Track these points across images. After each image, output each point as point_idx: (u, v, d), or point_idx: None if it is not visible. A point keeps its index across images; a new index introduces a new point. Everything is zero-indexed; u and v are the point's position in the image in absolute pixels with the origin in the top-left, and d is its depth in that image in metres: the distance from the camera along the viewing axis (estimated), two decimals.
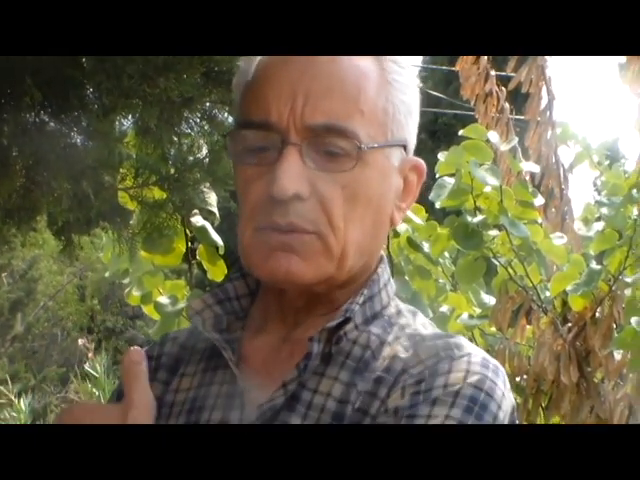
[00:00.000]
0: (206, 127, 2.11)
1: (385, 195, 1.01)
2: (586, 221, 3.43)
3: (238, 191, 1.01)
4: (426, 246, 2.94)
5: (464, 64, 3.76)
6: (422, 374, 0.94)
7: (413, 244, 2.89)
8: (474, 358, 0.95)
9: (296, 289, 1.00)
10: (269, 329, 1.05)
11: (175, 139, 2.08)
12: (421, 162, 1.06)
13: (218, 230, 2.70)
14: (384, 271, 1.07)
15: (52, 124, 1.95)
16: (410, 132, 1.04)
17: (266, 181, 0.96)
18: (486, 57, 3.76)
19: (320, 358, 0.98)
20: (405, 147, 1.03)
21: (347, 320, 0.99)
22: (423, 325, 1.04)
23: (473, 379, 0.93)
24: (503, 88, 3.77)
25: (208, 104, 2.10)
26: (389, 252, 2.83)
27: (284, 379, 0.98)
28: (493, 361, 0.97)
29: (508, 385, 0.97)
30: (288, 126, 0.95)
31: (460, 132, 2.93)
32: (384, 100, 0.99)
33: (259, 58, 1.03)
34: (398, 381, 0.95)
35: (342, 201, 0.96)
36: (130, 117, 2.04)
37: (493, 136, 2.97)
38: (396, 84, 1.01)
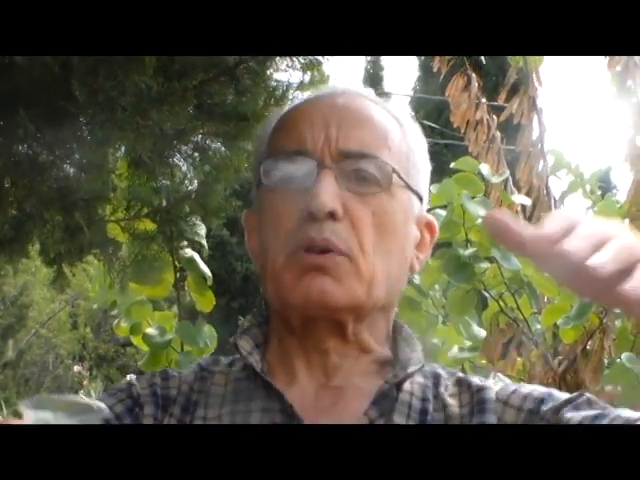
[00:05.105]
0: (198, 159, 2.12)
1: (408, 237, 1.04)
2: None
3: (269, 221, 1.01)
4: (416, 277, 2.94)
5: (454, 91, 3.75)
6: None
7: None
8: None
9: (326, 317, 0.99)
10: (300, 377, 1.02)
11: (167, 171, 2.09)
12: (434, 220, 1.09)
13: (211, 258, 2.70)
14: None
15: (45, 156, 1.96)
16: (424, 188, 1.07)
17: (302, 203, 0.97)
18: (477, 84, 3.76)
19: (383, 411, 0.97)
20: (421, 200, 1.06)
21: (409, 374, 1.00)
22: (442, 368, 1.07)
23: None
24: (494, 116, 3.77)
25: (200, 136, 2.12)
26: None
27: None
28: None
29: None
30: (323, 152, 0.99)
31: (452, 165, 2.94)
32: (406, 146, 1.04)
33: (288, 107, 1.08)
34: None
35: (372, 227, 0.98)
36: (122, 149, 2.05)
37: (484, 168, 2.98)
38: (413, 137, 1.07)
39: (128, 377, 1.11)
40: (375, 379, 1.00)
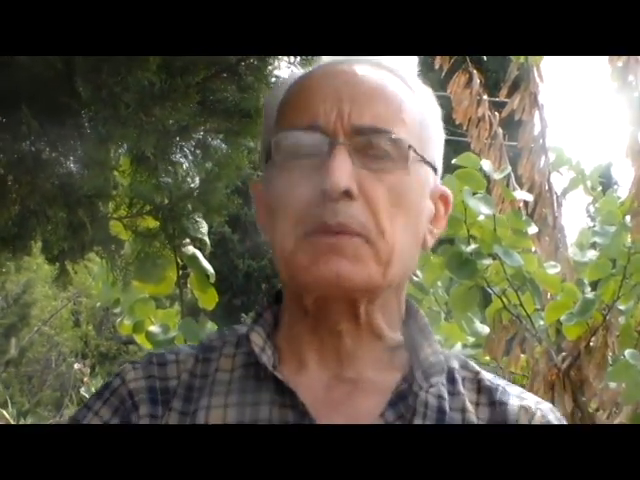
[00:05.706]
0: (200, 156, 2.12)
1: (422, 211, 1.00)
2: (581, 246, 3.43)
3: (278, 198, 0.97)
4: (418, 275, 2.94)
5: (456, 88, 3.75)
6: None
7: None
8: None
9: (340, 297, 0.96)
10: (311, 365, 1.00)
11: (170, 168, 2.09)
12: (449, 192, 1.06)
13: (213, 256, 2.69)
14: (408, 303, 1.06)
15: (48, 153, 1.96)
16: (438, 157, 1.04)
17: (315, 181, 0.94)
18: (479, 81, 3.75)
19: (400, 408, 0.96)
20: (436, 171, 1.03)
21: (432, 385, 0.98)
22: (454, 357, 1.04)
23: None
24: (496, 113, 3.76)
25: (202, 133, 2.12)
26: None
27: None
28: None
29: None
30: (336, 128, 0.95)
31: (453, 160, 2.94)
32: (420, 115, 1.00)
33: (296, 75, 1.04)
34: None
35: (388, 204, 0.95)
36: (125, 146, 2.05)
37: (486, 164, 2.98)
38: (426, 104, 1.03)
39: (122, 368, 1.06)
40: (389, 370, 0.99)
